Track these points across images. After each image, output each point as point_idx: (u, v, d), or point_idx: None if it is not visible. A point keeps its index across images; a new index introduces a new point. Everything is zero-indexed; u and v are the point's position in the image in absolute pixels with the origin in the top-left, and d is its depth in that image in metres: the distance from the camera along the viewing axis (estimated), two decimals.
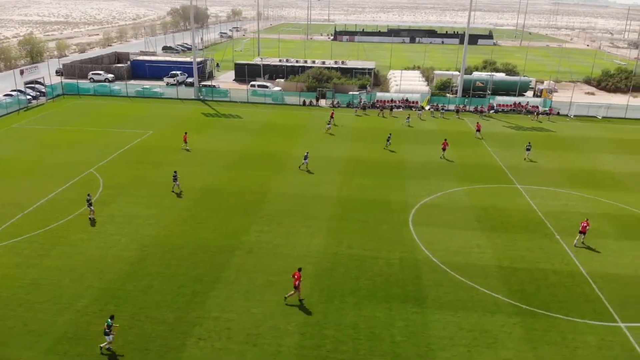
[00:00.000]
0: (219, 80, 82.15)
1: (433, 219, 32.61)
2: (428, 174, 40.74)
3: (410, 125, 55.65)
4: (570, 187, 38.68)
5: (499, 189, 38.00)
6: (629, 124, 59.92)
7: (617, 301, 24.32)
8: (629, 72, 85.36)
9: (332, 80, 70.71)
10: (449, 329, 22.11)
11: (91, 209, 31.44)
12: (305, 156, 41.13)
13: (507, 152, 47.17)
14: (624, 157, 47.13)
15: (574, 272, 26.76)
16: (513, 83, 70.69)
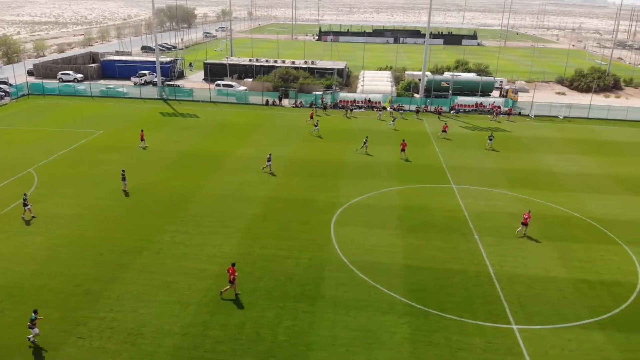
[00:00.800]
0: (190, 79, 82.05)
1: (356, 218, 32.36)
2: (368, 174, 40.47)
3: (395, 128, 54.46)
4: (507, 187, 38.39)
5: (433, 189, 37.73)
6: (590, 124, 59.57)
7: (516, 303, 24.03)
8: (602, 72, 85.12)
9: (299, 80, 70.58)
10: (335, 328, 21.86)
11: (25, 209, 31.39)
12: (269, 158, 40.57)
13: (454, 152, 46.92)
14: (572, 157, 46.80)
15: (481, 272, 26.50)
16: (477, 83, 70.37)
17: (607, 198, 36.98)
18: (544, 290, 25.02)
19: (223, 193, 35.99)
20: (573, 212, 34.14)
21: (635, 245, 29.79)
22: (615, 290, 25.26)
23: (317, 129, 51.95)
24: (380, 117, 59.59)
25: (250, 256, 27.32)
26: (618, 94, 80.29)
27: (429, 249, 28.74)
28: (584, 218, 33.35)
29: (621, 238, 30.65)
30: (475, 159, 45.22)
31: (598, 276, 26.43)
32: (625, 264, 27.79)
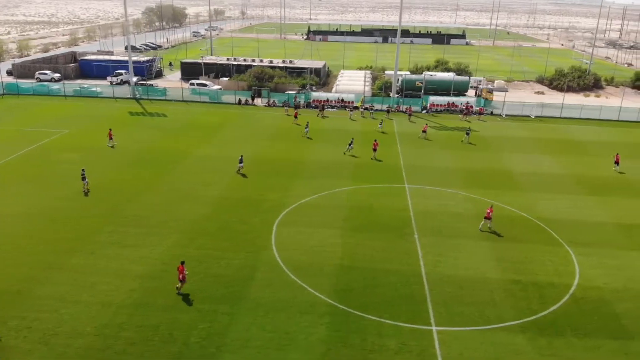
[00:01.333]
0: (167, 79, 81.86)
1: (301, 218, 32.11)
2: (326, 174, 40.15)
3: (383, 131, 53.11)
4: (461, 187, 38.08)
5: (385, 189, 37.44)
6: (561, 123, 59.27)
7: (442, 303, 23.79)
8: (582, 71, 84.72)
9: (274, 79, 70.33)
10: (251, 330, 21.64)
11: None
12: (240, 159, 40.15)
13: (416, 152, 46.58)
14: (534, 156, 46.49)
15: (412, 272, 26.23)
16: (451, 83, 69.92)
17: (559, 198, 36.70)
18: (473, 291, 24.77)
19: (173, 193, 35.72)
20: (521, 212, 33.87)
21: (578, 246, 29.50)
22: (547, 292, 24.99)
23: (307, 130, 51.31)
24: (352, 116, 59.35)
25: (183, 257, 26.78)
26: (598, 93, 79.92)
27: (366, 248, 28.49)
28: (531, 218, 33.08)
29: (565, 239, 30.35)
30: (435, 158, 44.95)
31: (532, 277, 26.15)
32: (564, 265, 27.51)
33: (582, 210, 34.78)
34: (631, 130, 57.47)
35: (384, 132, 52.52)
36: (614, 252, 28.99)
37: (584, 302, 24.19)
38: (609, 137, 54.19)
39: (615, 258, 28.34)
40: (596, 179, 40.93)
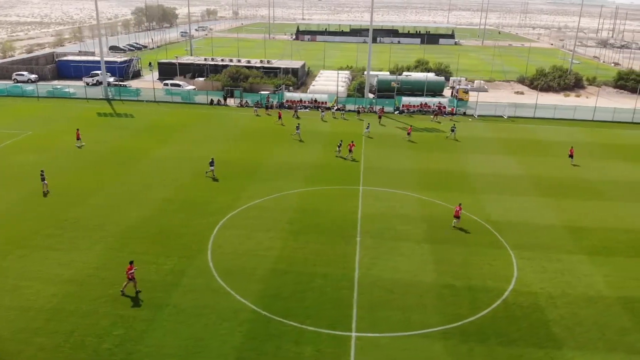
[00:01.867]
0: (145, 79, 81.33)
1: (244, 221, 31.57)
2: (282, 175, 39.68)
3: (370, 136, 51.51)
4: (416, 189, 37.50)
5: (339, 191, 36.90)
6: (533, 123, 58.68)
7: (368, 308, 23.28)
8: (564, 70, 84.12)
9: (249, 80, 69.86)
10: (167, 337, 21.12)
11: None
12: (211, 162, 39.16)
13: (378, 153, 46.02)
14: (496, 157, 45.94)
15: (345, 276, 25.72)
16: (428, 83, 69.35)
17: (512, 200, 36.14)
18: (403, 296, 24.28)
19: (122, 195, 35.23)
20: (470, 214, 33.29)
21: (521, 250, 28.97)
22: (479, 296, 24.49)
23: (298, 132, 50.39)
24: (323, 117, 58.81)
25: (113, 262, 26.47)
26: (579, 93, 79.35)
27: (304, 252, 27.98)
28: (479, 220, 32.54)
29: (509, 241, 29.84)
30: (396, 160, 44.33)
31: (467, 281, 25.64)
32: (503, 269, 27.00)
33: (533, 212, 34.23)
34: (602, 130, 56.87)
35: (370, 137, 50.99)
36: (558, 256, 28.44)
37: (516, 308, 23.67)
38: (578, 137, 53.47)
39: (558, 262, 27.81)
40: (554, 180, 40.36)
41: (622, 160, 46.24)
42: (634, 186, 39.70)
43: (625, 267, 27.49)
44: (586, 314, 23.39)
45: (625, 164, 45.16)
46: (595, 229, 31.90)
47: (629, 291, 25.18)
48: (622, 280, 26.20)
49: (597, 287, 25.53)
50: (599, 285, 25.66)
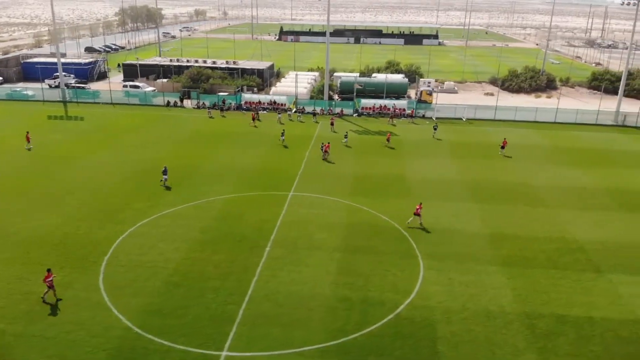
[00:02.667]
0: (111, 81, 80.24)
1: (155, 230, 30.28)
2: (214, 180, 38.45)
3: (348, 145, 48.28)
4: (346, 195, 36.19)
5: (267, 197, 35.67)
6: (490, 126, 57.31)
7: (250, 324, 22.02)
8: (536, 71, 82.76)
9: (210, 81, 68.75)
10: (30, 354, 19.90)
11: None
12: (164, 171, 37.46)
13: (319, 156, 44.91)
14: (439, 162, 44.62)
15: (238, 289, 24.49)
16: (391, 85, 68.21)
17: (443, 206, 34.85)
18: (292, 310, 23.05)
19: (38, 201, 34.00)
20: (393, 221, 32.09)
21: (433, 259, 27.71)
22: (372, 310, 23.22)
23: (283, 138, 48.75)
24: (280, 120, 57.60)
25: (6, 272, 25.44)
26: (550, 94, 78.09)
27: (204, 264, 26.76)
28: (399, 228, 31.38)
29: (423, 251, 28.61)
30: (337, 165, 43.02)
31: (364, 294, 24.38)
32: (406, 281, 25.69)
33: (461, 219, 32.97)
34: (560, 132, 55.54)
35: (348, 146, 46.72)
36: (470, 267, 27.18)
37: (406, 323, 22.44)
38: (533, 139, 52.34)
39: (468, 273, 26.54)
40: (493, 185, 39.11)
41: (572, 164, 44.90)
42: (577, 192, 38.43)
43: (539, 279, 26.22)
44: (481, 330, 22.16)
45: (575, 169, 43.80)
46: (519, 238, 30.63)
47: (534, 306, 23.89)
48: (531, 293, 24.94)
49: (502, 301, 24.29)
50: (504, 299, 24.42)
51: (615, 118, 60.38)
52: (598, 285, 25.85)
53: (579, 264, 27.77)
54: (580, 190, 38.77)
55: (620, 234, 31.56)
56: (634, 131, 57.46)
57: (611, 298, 24.78)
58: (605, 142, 52.73)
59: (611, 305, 24.18)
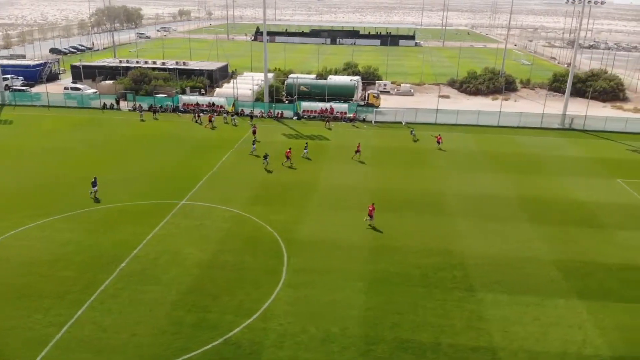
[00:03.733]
0: (60, 83, 78.72)
1: (21, 242, 28.81)
2: (115, 187, 36.42)
3: (308, 157, 44.52)
4: (243, 205, 34.35)
5: (155, 206, 33.76)
6: (432, 130, 55.09)
7: (64, 349, 20.30)
8: (496, 72, 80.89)
9: (152, 82, 67.14)
10: None
11: None
12: (94, 182, 35.13)
13: (239, 162, 43.24)
14: (353, 168, 42.78)
15: (69, 311, 22.65)
16: (338, 87, 66.52)
17: (334, 216, 32.98)
18: (114, 334, 21.22)
19: None
20: (277, 233, 30.27)
21: (298, 275, 25.91)
22: (200, 335, 21.26)
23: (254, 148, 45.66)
24: (213, 123, 55.74)
25: None
26: (508, 96, 76.23)
27: (46, 281, 24.82)
28: (279, 240, 29.65)
29: (293, 266, 26.77)
30: (249, 172, 41.14)
31: (202, 316, 22.52)
32: (255, 300, 23.71)
33: (344, 231, 31.02)
34: (497, 137, 53.59)
35: (309, 158, 44.27)
36: (337, 284, 25.33)
37: (232, 349, 20.59)
38: (464, 144, 50.38)
39: (329, 292, 24.59)
40: (396, 193, 37.19)
41: (494, 171, 42.97)
42: (484, 201, 36.41)
43: (399, 297, 24.37)
44: (310, 357, 20.50)
45: (495, 175, 41.90)
46: (399, 250, 28.78)
47: (380, 330, 22.01)
48: (383, 314, 23.12)
49: (347, 322, 22.53)
50: (351, 321, 22.64)
51: (561, 121, 58.59)
52: (463, 306, 24.23)
53: (452, 282, 26.09)
54: (489, 199, 36.89)
55: (512, 248, 29.74)
56: (577, 135, 55.64)
57: (471, 321, 23.06)
58: (540, 146, 50.75)
59: (467, 329, 22.51)
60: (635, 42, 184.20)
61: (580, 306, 24.29)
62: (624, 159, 47.72)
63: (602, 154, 48.67)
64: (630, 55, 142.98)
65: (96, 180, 35.37)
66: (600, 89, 76.73)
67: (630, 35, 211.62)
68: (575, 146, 51.28)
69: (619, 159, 47.59)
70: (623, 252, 29.81)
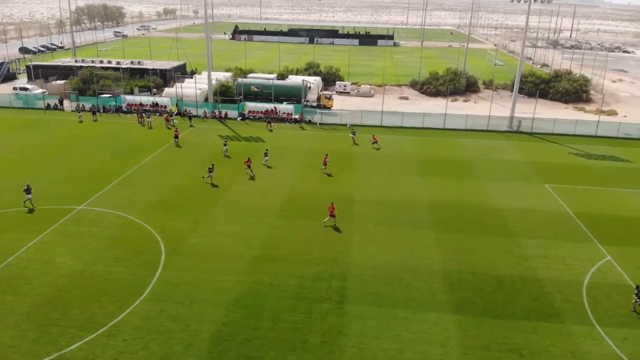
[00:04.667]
0: (17, 83, 77.70)
1: None
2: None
3: (268, 165, 42.59)
4: (144, 210, 33.24)
5: (49, 212, 32.54)
6: (374, 132, 53.62)
7: None
8: (458, 73, 79.64)
9: (100, 82, 66.06)
10: None
11: None
12: (27, 189, 33.35)
13: (161, 164, 42.04)
14: (278, 171, 41.64)
15: None
16: (287, 88, 65.53)
17: (228, 222, 31.92)
18: None
19: None
20: (163, 241, 29.09)
21: (161, 287, 24.92)
22: (36, 348, 20.56)
23: (226, 148, 45.01)
24: (150, 124, 54.21)
25: None
26: (467, 98, 75.07)
27: None
28: (162, 249, 28.36)
29: (164, 276, 25.94)
30: (164, 176, 40.02)
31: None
32: (113, 309, 22.78)
33: (231, 239, 29.84)
34: (439, 139, 52.50)
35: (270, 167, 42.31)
36: (192, 293, 24.49)
37: None
38: (402, 148, 49.14)
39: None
40: (303, 200, 35.91)
41: (421, 174, 41.89)
42: (385, 207, 35.05)
43: (253, 310, 23.32)
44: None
45: (419, 178, 40.84)
46: (281, 259, 27.61)
47: (220, 345, 21.07)
48: (234, 330, 21.98)
49: (195, 339, 21.32)
50: (199, 338, 21.38)
51: (509, 124, 57.42)
52: (326, 319, 22.88)
53: (326, 292, 24.81)
54: (400, 205, 35.60)
55: (401, 257, 28.46)
56: (523, 138, 54.33)
57: (328, 336, 21.78)
58: (479, 149, 49.48)
59: (320, 346, 21.28)
60: (619, 42, 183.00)
61: (451, 322, 23.15)
62: (561, 163, 46.54)
63: (539, 158, 47.48)
64: (611, 56, 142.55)
65: (29, 188, 33.50)
66: (563, 89, 75.73)
67: (617, 35, 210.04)
68: (514, 150, 50.04)
69: (556, 163, 46.42)
70: (522, 262, 28.65)
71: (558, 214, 35.36)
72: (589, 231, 32.75)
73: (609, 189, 40.42)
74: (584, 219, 34.56)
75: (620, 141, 54.78)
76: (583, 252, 30.05)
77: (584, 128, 56.43)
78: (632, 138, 55.68)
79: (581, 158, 48.18)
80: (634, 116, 67.77)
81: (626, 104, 77.30)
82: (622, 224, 34.05)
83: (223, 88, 65.41)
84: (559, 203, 37.11)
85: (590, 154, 49.49)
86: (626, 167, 46.28)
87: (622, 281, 27.24)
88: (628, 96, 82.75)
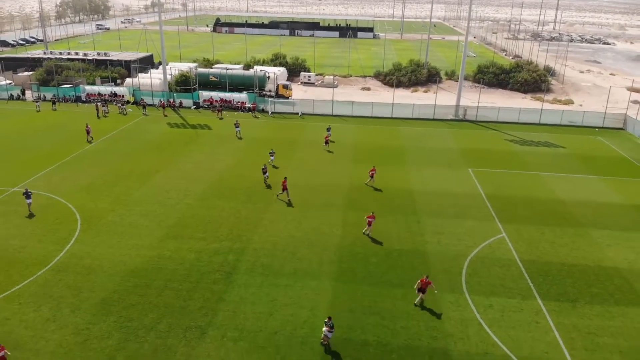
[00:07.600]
0: None
1: None
2: None
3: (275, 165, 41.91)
4: (74, 192, 35.19)
5: None
6: (325, 121, 55.66)
7: None
8: (420, 65, 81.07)
9: (63, 73, 67.72)
10: None
11: None
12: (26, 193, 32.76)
13: (107, 151, 43.69)
14: (218, 157, 43.41)
15: None
16: (243, 77, 67.11)
17: (162, 206, 33.88)
18: None
19: None
20: (81, 217, 31.20)
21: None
22: None
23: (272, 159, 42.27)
24: (105, 113, 56.14)
25: None
26: (428, 89, 76.60)
27: None
28: (78, 220, 30.34)
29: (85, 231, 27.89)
30: (107, 161, 41.74)
31: None
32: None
33: (144, 219, 31.75)
34: (384, 128, 54.20)
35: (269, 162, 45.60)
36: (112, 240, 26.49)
37: None
38: (345, 136, 50.80)
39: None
40: (229, 182, 37.78)
41: (354, 161, 43.44)
42: (303, 190, 36.70)
43: (141, 280, 25.23)
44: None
45: (350, 165, 42.45)
46: (190, 236, 29.45)
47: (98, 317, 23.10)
48: (113, 301, 23.99)
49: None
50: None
51: (455, 112, 59.05)
52: (210, 288, 24.79)
53: (220, 265, 26.67)
54: (318, 187, 37.37)
55: (303, 233, 30.15)
56: (466, 125, 56.05)
57: (207, 302, 23.66)
58: (416, 137, 50.94)
59: (198, 310, 23.10)
60: (603, 34, 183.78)
61: (328, 289, 25.02)
62: (492, 149, 48.11)
63: (472, 145, 49.11)
64: (591, 47, 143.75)
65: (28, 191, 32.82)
66: (522, 80, 77.23)
67: (602, 28, 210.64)
68: (451, 137, 51.63)
69: (487, 149, 48.02)
70: (416, 237, 30.34)
71: (470, 195, 37.15)
72: (494, 211, 34.57)
73: (530, 173, 42.14)
74: (493, 200, 36.36)
75: (562, 128, 56.47)
76: (480, 230, 31.85)
77: (527, 116, 58.10)
78: (575, 125, 57.40)
79: (514, 144, 49.88)
80: (590, 105, 69.43)
81: (585, 93, 78.90)
82: (529, 205, 35.77)
83: (183, 78, 67.05)
84: (475, 186, 38.86)
85: (526, 140, 51.25)
86: (557, 152, 48.00)
87: (507, 255, 29.04)
88: (589, 86, 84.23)
